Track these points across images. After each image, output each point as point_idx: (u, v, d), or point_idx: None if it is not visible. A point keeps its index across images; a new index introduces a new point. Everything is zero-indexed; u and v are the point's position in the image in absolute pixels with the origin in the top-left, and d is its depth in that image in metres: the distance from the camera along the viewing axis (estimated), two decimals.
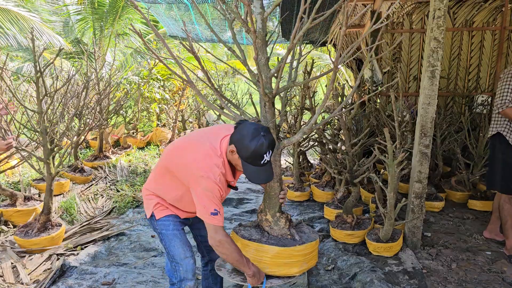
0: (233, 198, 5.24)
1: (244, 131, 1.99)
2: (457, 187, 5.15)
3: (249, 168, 2.02)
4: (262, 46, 2.10)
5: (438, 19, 3.43)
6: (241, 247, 2.22)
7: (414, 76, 6.78)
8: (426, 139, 3.58)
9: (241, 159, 2.01)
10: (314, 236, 2.37)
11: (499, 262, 3.47)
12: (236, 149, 2.01)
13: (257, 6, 2.01)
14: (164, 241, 2.30)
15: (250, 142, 1.95)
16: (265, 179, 2.09)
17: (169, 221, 2.28)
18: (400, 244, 3.62)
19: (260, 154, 1.97)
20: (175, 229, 2.29)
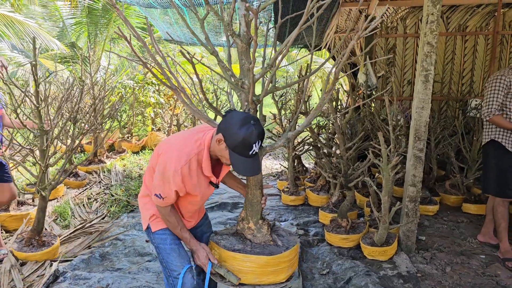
0: (228, 202, 5.23)
1: (233, 119, 1.90)
2: (451, 190, 5.17)
3: (236, 158, 1.92)
4: (245, 51, 2.07)
5: (431, 24, 3.46)
6: (225, 259, 2.19)
7: (408, 80, 6.82)
8: (420, 143, 3.59)
9: (229, 148, 1.91)
10: (293, 239, 2.36)
11: (493, 265, 3.48)
12: (224, 138, 1.91)
13: (242, 8, 1.96)
14: (162, 255, 2.22)
15: (239, 130, 1.86)
16: (252, 171, 1.99)
17: (166, 234, 2.21)
18: (394, 248, 3.62)
19: (249, 143, 1.87)
20: (172, 243, 2.21)
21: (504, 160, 3.63)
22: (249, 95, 2.01)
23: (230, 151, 1.92)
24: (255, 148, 1.91)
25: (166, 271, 2.24)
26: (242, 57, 2.07)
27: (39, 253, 3.42)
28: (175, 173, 1.94)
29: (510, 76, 3.61)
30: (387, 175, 3.44)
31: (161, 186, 1.99)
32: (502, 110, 3.65)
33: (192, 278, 2.19)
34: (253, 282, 2.15)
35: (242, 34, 2.02)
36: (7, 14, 7.65)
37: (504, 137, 3.63)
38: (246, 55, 2.06)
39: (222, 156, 2.00)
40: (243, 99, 2.11)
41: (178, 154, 1.97)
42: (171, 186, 1.98)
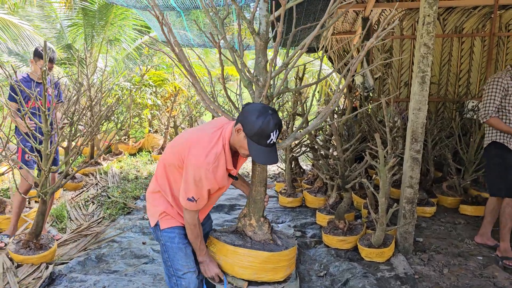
0: (225, 204, 5.21)
1: (252, 109, 1.94)
2: (448, 192, 5.18)
3: (254, 147, 1.95)
4: (263, 49, 2.12)
5: (427, 25, 3.46)
6: (225, 253, 2.18)
7: (405, 82, 6.83)
8: (417, 144, 3.59)
9: (247, 136, 1.94)
10: (292, 241, 2.36)
11: (491, 267, 3.48)
12: (242, 127, 1.94)
13: (263, 8, 2.03)
14: (168, 253, 2.20)
15: (257, 119, 1.89)
16: (270, 160, 1.99)
17: (175, 233, 2.19)
18: (392, 249, 3.62)
19: (267, 132, 1.90)
20: (180, 243, 2.19)
21: (508, 159, 3.64)
22: (264, 91, 2.03)
23: (248, 139, 1.94)
24: (272, 137, 1.93)
25: (170, 269, 2.21)
26: (259, 55, 2.11)
27: (36, 256, 3.40)
28: (207, 173, 1.95)
29: (507, 78, 3.62)
30: (384, 176, 3.44)
31: (194, 189, 1.98)
32: (501, 112, 3.66)
33: (197, 279, 2.19)
34: (251, 278, 2.15)
35: (262, 33, 2.06)
36: (2, 17, 7.63)
37: (505, 137, 3.65)
38: (263, 52, 2.11)
39: (241, 147, 2.01)
40: (256, 95, 2.14)
41: (206, 154, 1.97)
42: (204, 187, 1.99)
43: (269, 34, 2.12)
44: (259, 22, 2.11)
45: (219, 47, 1.94)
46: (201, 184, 1.97)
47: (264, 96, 2.07)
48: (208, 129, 2.10)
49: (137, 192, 5.78)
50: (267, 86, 2.00)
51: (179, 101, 9.75)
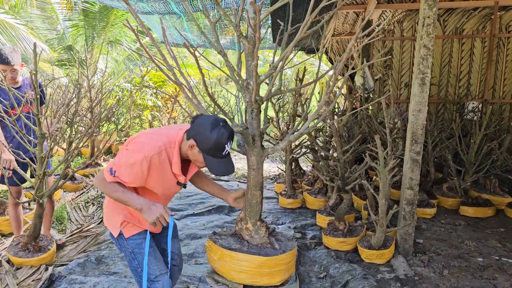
0: (225, 205, 5.20)
1: (203, 124, 1.94)
2: (448, 193, 5.17)
3: (211, 161, 1.96)
4: (252, 52, 2.09)
5: (427, 27, 3.46)
6: (221, 257, 2.17)
7: (406, 83, 6.82)
8: (417, 146, 3.59)
9: (202, 152, 1.95)
10: (291, 244, 2.36)
11: (491, 268, 3.48)
12: (196, 143, 1.95)
13: (250, 11, 2.01)
14: (137, 260, 2.17)
15: (211, 133, 1.91)
16: (227, 171, 2.03)
17: (141, 239, 2.18)
18: (392, 251, 3.61)
19: (222, 144, 1.93)
20: (149, 246, 2.16)
21: None
22: (253, 95, 2.03)
23: (204, 155, 1.96)
24: (227, 148, 1.97)
25: (142, 275, 2.16)
26: (249, 58, 2.10)
27: (35, 259, 3.39)
28: (144, 160, 1.93)
29: None
30: (384, 178, 3.43)
31: (123, 166, 1.96)
32: None
33: (169, 280, 2.19)
34: (246, 282, 2.14)
35: (250, 36, 2.05)
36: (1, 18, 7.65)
37: None
38: (252, 56, 2.09)
39: (196, 160, 2.02)
40: (248, 99, 2.13)
41: (151, 143, 1.98)
42: (133, 171, 1.95)
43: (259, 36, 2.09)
44: (247, 25, 2.10)
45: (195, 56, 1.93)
46: (132, 168, 1.94)
47: (253, 101, 2.06)
48: (161, 131, 2.12)
49: None
50: (255, 91, 2.00)
51: (180, 101, 9.75)
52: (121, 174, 1.97)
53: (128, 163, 1.94)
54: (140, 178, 2.00)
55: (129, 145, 2.02)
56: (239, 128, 2.07)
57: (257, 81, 1.96)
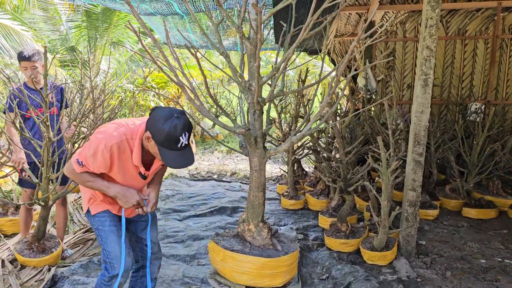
0: (227, 207, 5.20)
1: (157, 115, 1.94)
2: (451, 195, 5.16)
3: (166, 153, 1.96)
4: (254, 54, 2.10)
5: (430, 28, 3.46)
6: (223, 258, 2.18)
7: (408, 84, 6.81)
8: (420, 147, 3.58)
9: (157, 144, 1.95)
10: (294, 246, 2.36)
11: (494, 270, 3.47)
12: (151, 135, 1.95)
13: (252, 12, 2.02)
14: (101, 236, 2.25)
15: (163, 125, 1.90)
16: (184, 164, 2.01)
17: (105, 216, 2.25)
18: (394, 252, 3.61)
19: (175, 136, 1.91)
20: (111, 225, 2.25)
21: None
22: (255, 96, 2.03)
23: (158, 146, 1.95)
24: (182, 140, 1.94)
25: (105, 252, 2.25)
26: (251, 60, 2.10)
27: (37, 260, 3.39)
28: (105, 148, 1.98)
29: None
30: (386, 179, 3.43)
31: (87, 156, 2.02)
32: None
33: (130, 261, 2.24)
34: (248, 284, 2.14)
35: (252, 37, 2.05)
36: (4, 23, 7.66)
37: None
38: (254, 57, 2.10)
39: (155, 153, 2.03)
40: (250, 100, 2.13)
41: (112, 133, 2.02)
42: (97, 161, 2.01)
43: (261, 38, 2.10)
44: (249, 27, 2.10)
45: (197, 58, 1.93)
46: (95, 156, 2.00)
47: (256, 102, 2.06)
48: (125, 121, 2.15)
49: None
50: (257, 92, 2.00)
51: (182, 103, 9.76)
52: (87, 164, 2.05)
53: (90, 153, 2.01)
54: (104, 166, 2.06)
55: (92, 135, 2.09)
56: (241, 130, 2.06)
57: (259, 83, 1.96)
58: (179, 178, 6.88)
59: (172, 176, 6.98)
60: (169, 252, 3.81)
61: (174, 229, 4.43)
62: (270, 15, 1.90)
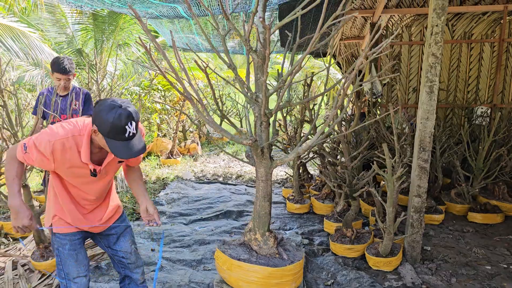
0: (233, 210, 5.23)
1: (101, 107, 1.91)
2: (456, 199, 5.16)
3: (114, 144, 1.92)
4: (261, 66, 2.12)
5: (436, 35, 3.47)
6: (230, 267, 2.20)
7: (414, 87, 6.81)
8: (425, 153, 3.59)
9: (104, 136, 1.92)
10: (299, 254, 2.38)
11: (499, 277, 3.47)
12: (97, 127, 1.92)
13: (259, 26, 2.04)
14: (60, 257, 2.25)
15: (107, 116, 1.86)
16: (133, 153, 1.97)
17: (66, 240, 2.23)
18: (399, 258, 3.62)
19: (120, 126, 1.88)
20: (71, 249, 2.24)
21: None
22: (262, 109, 2.05)
23: (105, 138, 1.93)
24: (129, 129, 1.91)
25: (62, 273, 2.26)
26: (258, 72, 2.12)
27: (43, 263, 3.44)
28: (48, 143, 1.96)
29: None
30: (392, 186, 3.44)
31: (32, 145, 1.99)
32: None
33: (86, 282, 2.27)
34: None
35: (259, 50, 2.07)
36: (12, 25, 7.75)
37: None
38: (261, 70, 2.12)
39: (104, 145, 1.98)
40: (257, 112, 2.15)
41: (58, 130, 2.01)
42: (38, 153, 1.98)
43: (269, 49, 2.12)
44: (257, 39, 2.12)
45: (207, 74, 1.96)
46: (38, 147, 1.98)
47: (263, 114, 2.09)
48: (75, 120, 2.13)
49: None
50: (264, 104, 2.02)
51: (188, 105, 9.80)
52: (30, 152, 2.01)
53: (35, 143, 1.99)
54: (44, 162, 2.02)
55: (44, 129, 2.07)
56: (249, 141, 2.09)
57: (267, 95, 1.98)
58: (184, 180, 6.91)
59: (178, 179, 7.02)
60: (176, 257, 3.85)
61: (180, 234, 4.46)
62: (276, 28, 1.92)
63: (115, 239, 2.41)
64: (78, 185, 2.18)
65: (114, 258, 2.48)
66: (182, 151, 9.13)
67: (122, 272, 2.51)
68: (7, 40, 7.40)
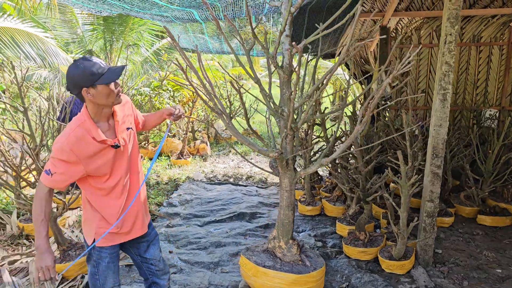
0: (246, 212, 5.33)
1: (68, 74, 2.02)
2: (466, 202, 5.24)
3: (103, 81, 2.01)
4: (287, 81, 2.21)
5: (449, 44, 3.54)
6: (255, 274, 2.29)
7: (423, 90, 6.87)
8: (438, 159, 3.67)
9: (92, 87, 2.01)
10: (321, 261, 2.48)
11: (510, 280, 3.56)
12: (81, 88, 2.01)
13: (286, 42, 2.13)
14: (97, 268, 2.31)
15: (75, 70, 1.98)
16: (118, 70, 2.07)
17: (107, 253, 2.31)
18: (412, 261, 3.71)
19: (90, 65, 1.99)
20: (110, 262, 2.32)
21: None
22: (288, 122, 2.14)
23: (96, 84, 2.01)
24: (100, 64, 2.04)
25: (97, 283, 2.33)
26: (283, 87, 2.21)
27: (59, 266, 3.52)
28: (63, 145, 2.00)
29: None
30: (406, 192, 3.53)
31: (50, 164, 2.04)
32: None
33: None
34: None
35: (285, 66, 2.16)
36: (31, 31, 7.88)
37: None
38: (287, 85, 2.21)
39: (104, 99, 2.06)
40: (282, 125, 2.24)
41: (63, 131, 2.07)
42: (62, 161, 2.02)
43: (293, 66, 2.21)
44: (282, 56, 2.21)
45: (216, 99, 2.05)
46: (57, 157, 2.01)
47: (289, 128, 2.18)
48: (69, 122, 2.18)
49: (159, 199, 5.93)
50: (290, 118, 2.10)
51: (197, 105, 9.89)
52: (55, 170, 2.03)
53: (54, 158, 2.02)
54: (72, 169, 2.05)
55: None
56: (275, 153, 2.18)
57: (293, 109, 2.07)
58: (196, 182, 7.02)
59: (189, 180, 7.13)
60: (193, 259, 3.96)
61: (196, 235, 4.57)
62: (303, 45, 2.01)
63: (145, 247, 2.49)
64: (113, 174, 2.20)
65: (142, 266, 2.54)
66: (191, 151, 9.23)
67: (149, 279, 2.57)
68: (25, 46, 7.53)
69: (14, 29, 7.66)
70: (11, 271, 3.63)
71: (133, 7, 4.69)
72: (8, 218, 4.74)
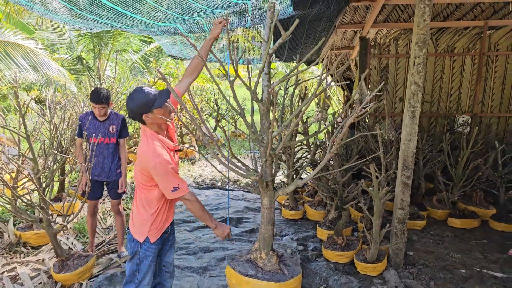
0: (232, 217, 5.63)
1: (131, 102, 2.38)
2: (437, 205, 5.61)
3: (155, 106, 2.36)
4: (266, 113, 2.50)
5: (418, 66, 3.87)
6: (240, 283, 2.60)
7: (400, 97, 7.24)
8: (408, 171, 4.01)
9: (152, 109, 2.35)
10: (298, 269, 2.80)
11: (472, 280, 3.93)
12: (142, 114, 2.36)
13: (265, 79, 2.42)
14: (140, 266, 2.55)
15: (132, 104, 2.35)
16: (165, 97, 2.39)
17: (152, 251, 2.55)
18: (384, 264, 4.06)
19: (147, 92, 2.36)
20: (152, 261, 2.57)
21: None
22: (267, 150, 2.44)
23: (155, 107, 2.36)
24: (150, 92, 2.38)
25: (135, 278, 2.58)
26: (263, 118, 2.51)
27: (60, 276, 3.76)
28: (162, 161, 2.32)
29: None
30: (378, 201, 3.86)
31: (168, 182, 2.36)
32: None
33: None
34: None
35: (264, 100, 2.46)
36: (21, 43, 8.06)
37: None
38: (266, 116, 2.51)
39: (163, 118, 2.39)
40: (262, 152, 2.54)
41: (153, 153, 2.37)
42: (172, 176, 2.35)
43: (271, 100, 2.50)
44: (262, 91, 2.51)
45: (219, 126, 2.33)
46: (168, 172, 2.34)
47: (268, 154, 2.48)
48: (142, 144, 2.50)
49: None
50: (269, 146, 2.41)
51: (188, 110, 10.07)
52: (175, 178, 2.37)
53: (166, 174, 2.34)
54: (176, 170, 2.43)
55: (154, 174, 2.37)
56: (256, 176, 2.48)
57: (271, 138, 2.37)
58: None
59: None
60: (183, 264, 4.24)
61: (186, 241, 4.85)
62: (279, 83, 2.30)
63: (166, 250, 2.75)
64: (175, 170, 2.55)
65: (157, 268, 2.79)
66: (180, 155, 9.48)
67: (156, 279, 2.82)
68: (17, 58, 7.71)
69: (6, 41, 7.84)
70: (11, 279, 3.87)
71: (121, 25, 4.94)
72: (5, 226, 4.96)
